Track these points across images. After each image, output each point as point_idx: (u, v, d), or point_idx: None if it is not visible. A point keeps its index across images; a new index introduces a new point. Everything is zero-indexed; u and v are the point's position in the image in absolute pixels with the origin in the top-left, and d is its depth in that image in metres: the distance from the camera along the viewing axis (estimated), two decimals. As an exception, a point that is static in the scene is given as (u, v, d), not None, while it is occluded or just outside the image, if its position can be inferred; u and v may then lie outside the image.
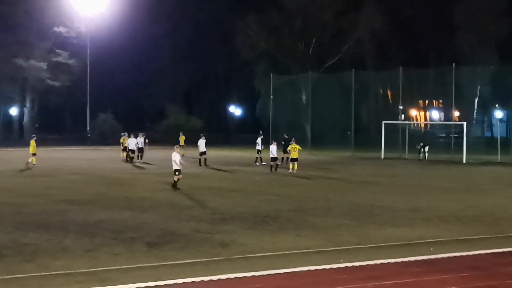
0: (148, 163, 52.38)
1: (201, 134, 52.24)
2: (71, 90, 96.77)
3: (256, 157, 52.79)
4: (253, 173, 44.22)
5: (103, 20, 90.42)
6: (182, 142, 61.73)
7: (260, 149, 53.41)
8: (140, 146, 55.09)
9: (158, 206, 26.09)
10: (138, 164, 51.12)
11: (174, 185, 32.64)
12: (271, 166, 45.21)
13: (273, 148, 45.41)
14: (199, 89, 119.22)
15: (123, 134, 59.37)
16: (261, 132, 56.75)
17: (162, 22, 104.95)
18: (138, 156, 54.52)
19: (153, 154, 60.38)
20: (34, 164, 47.82)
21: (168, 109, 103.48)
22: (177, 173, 32.62)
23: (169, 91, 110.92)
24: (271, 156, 45.31)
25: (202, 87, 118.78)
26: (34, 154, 48.46)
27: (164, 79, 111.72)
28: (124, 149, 56.33)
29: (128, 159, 53.88)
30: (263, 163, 51.30)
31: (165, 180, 37.65)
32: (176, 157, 32.67)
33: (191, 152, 58.34)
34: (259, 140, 54.17)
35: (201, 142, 50.35)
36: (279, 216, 23.64)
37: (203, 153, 50.15)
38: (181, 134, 63.67)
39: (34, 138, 49.82)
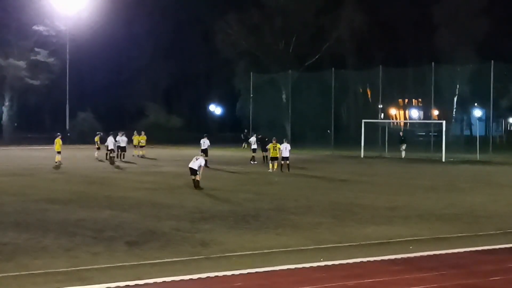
0: (129, 162, 52.29)
1: (204, 134, 51.50)
2: (51, 89, 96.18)
3: (252, 156, 52.78)
4: (229, 173, 44.23)
5: (82, 18, 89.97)
6: (136, 142, 60.59)
7: (256, 147, 53.43)
8: (123, 145, 54.92)
9: (138, 205, 26.03)
10: (118, 163, 50.96)
11: (197, 185, 32.62)
12: (282, 165, 44.07)
13: (284, 147, 44.51)
14: (179, 88, 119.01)
15: (98, 133, 59.08)
16: (246, 131, 56.67)
17: (142, 21, 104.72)
18: (120, 155, 54.41)
19: (133, 153, 60.12)
20: (58, 162, 48.45)
21: (148, 108, 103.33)
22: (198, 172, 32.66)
23: (150, 90, 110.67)
24: (283, 155, 44.21)
25: (182, 86, 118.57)
26: (59, 152, 49.09)
27: (144, 78, 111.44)
28: (99, 148, 55.97)
29: (108, 158, 53.23)
30: (254, 162, 51.33)
31: (146, 179, 37.63)
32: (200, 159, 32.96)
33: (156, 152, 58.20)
34: (253, 139, 54.41)
35: (204, 141, 49.90)
36: (259, 214, 23.65)
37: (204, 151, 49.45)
38: (142, 134, 61.99)
39: (60, 136, 50.38)
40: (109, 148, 53.23)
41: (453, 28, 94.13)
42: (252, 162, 51.80)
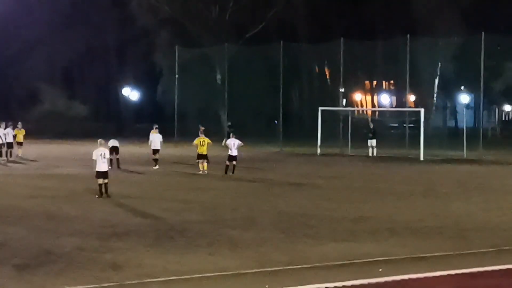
0: (19, 162, 51.82)
1: (112, 137, 50.68)
2: None
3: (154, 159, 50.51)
4: (149, 175, 44.14)
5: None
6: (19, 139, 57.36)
7: (158, 148, 50.33)
8: (9, 140, 53.98)
9: (30, 218, 25.81)
10: (3, 163, 50.52)
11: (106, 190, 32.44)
12: (227, 166, 43.87)
13: (231, 142, 44.52)
14: (83, 66, 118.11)
15: None
16: (230, 123, 56.23)
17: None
18: (6, 152, 53.62)
19: (25, 150, 59.62)
20: None
21: (43, 91, 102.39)
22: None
23: (45, 68, 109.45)
24: (230, 154, 44.09)
25: (87, 64, 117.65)
26: None
27: (37, 53, 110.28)
28: None
29: None
30: (155, 167, 49.10)
31: (40, 185, 37.31)
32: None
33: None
34: (153, 136, 50.91)
35: (114, 141, 49.53)
36: (188, 229, 23.65)
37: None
38: (19, 126, 58.85)
39: None
40: None
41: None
42: (154, 167, 49.51)
